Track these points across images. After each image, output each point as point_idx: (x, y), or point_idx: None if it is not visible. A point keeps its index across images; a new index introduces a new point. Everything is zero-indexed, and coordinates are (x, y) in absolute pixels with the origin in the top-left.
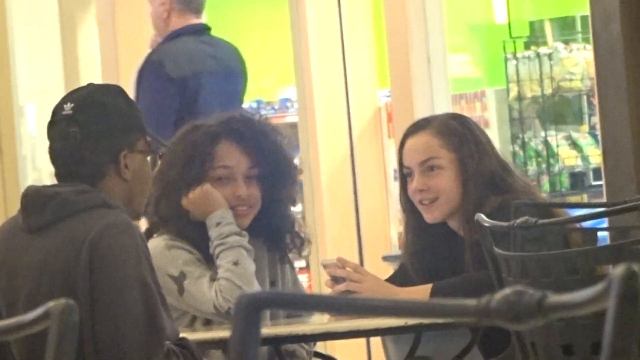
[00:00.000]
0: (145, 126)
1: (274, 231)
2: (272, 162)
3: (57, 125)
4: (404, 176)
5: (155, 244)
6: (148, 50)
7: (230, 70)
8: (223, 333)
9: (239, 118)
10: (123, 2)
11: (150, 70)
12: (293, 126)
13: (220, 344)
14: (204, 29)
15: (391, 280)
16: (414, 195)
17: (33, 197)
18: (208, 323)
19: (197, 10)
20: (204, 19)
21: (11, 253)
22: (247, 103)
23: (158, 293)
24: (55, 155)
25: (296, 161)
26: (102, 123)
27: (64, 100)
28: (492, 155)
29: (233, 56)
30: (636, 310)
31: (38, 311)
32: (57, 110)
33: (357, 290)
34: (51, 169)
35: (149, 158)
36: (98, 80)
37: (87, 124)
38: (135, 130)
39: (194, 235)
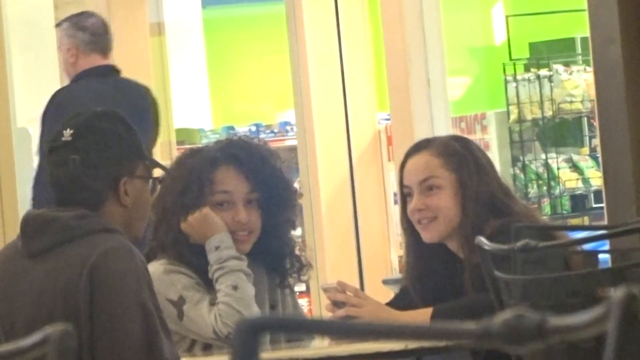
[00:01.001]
0: (145, 151)
1: (274, 256)
2: (272, 186)
3: (57, 151)
4: (405, 197)
5: (154, 268)
6: (145, 76)
7: (133, 111)
8: (222, 358)
9: (237, 143)
10: (121, 27)
11: (50, 113)
12: (292, 150)
13: None
14: (110, 70)
15: (392, 304)
16: (413, 214)
17: (33, 222)
18: (207, 347)
19: (104, 52)
20: (111, 60)
21: (10, 278)
22: (247, 127)
23: (159, 318)
24: (55, 181)
25: (296, 185)
26: (102, 150)
27: (64, 126)
28: (493, 179)
29: (140, 97)
30: (636, 333)
31: (36, 337)
32: (57, 136)
33: (357, 315)
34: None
35: (149, 183)
36: None
37: (87, 151)
38: (134, 157)
39: (193, 259)
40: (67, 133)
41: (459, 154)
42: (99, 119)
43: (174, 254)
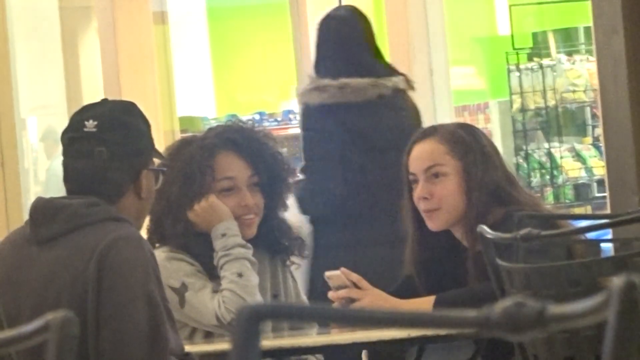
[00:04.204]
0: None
1: (274, 234)
2: (271, 168)
3: (80, 142)
4: (410, 184)
5: (156, 256)
6: (149, 64)
7: None
8: (223, 345)
9: (234, 128)
10: (124, 16)
11: None
12: (296, 138)
13: (220, 356)
14: None
15: (394, 292)
16: (418, 202)
17: (42, 209)
18: (208, 336)
19: None
20: None
21: (18, 265)
22: (250, 115)
23: (165, 307)
24: (76, 172)
25: (291, 164)
26: (128, 143)
27: (84, 116)
28: (499, 167)
29: None
30: (636, 321)
31: (37, 323)
32: (77, 126)
33: (359, 304)
34: (52, 181)
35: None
36: (100, 93)
37: (114, 144)
38: (151, 149)
39: (197, 247)
40: (91, 124)
41: (465, 142)
42: (122, 111)
43: (177, 243)
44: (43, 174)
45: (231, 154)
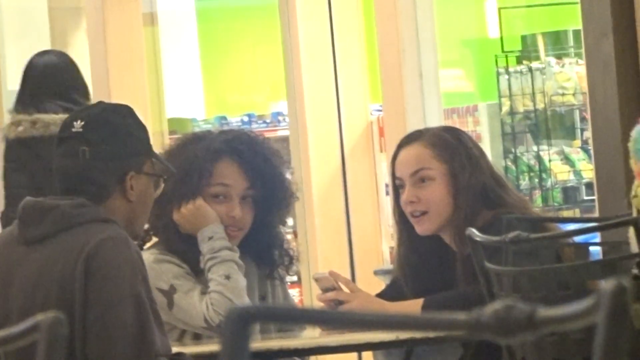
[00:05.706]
0: (153, 148)
1: (263, 249)
2: (270, 186)
3: (66, 142)
4: (397, 188)
5: (144, 258)
6: (138, 66)
7: None
8: (212, 347)
9: (243, 138)
10: (114, 17)
11: None
12: (285, 140)
13: (210, 358)
14: None
15: (383, 295)
16: (405, 206)
17: (31, 210)
18: (197, 337)
19: None
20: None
21: (6, 265)
22: (239, 117)
23: (152, 309)
24: (62, 172)
25: (293, 187)
26: (112, 144)
27: (74, 117)
28: (485, 169)
29: None
30: (625, 325)
31: (27, 324)
32: (67, 126)
33: (348, 307)
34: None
35: (154, 180)
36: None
37: (97, 143)
38: (143, 153)
39: (183, 248)
40: (78, 124)
41: (451, 145)
42: (111, 112)
43: (164, 242)
44: None
45: (233, 162)
